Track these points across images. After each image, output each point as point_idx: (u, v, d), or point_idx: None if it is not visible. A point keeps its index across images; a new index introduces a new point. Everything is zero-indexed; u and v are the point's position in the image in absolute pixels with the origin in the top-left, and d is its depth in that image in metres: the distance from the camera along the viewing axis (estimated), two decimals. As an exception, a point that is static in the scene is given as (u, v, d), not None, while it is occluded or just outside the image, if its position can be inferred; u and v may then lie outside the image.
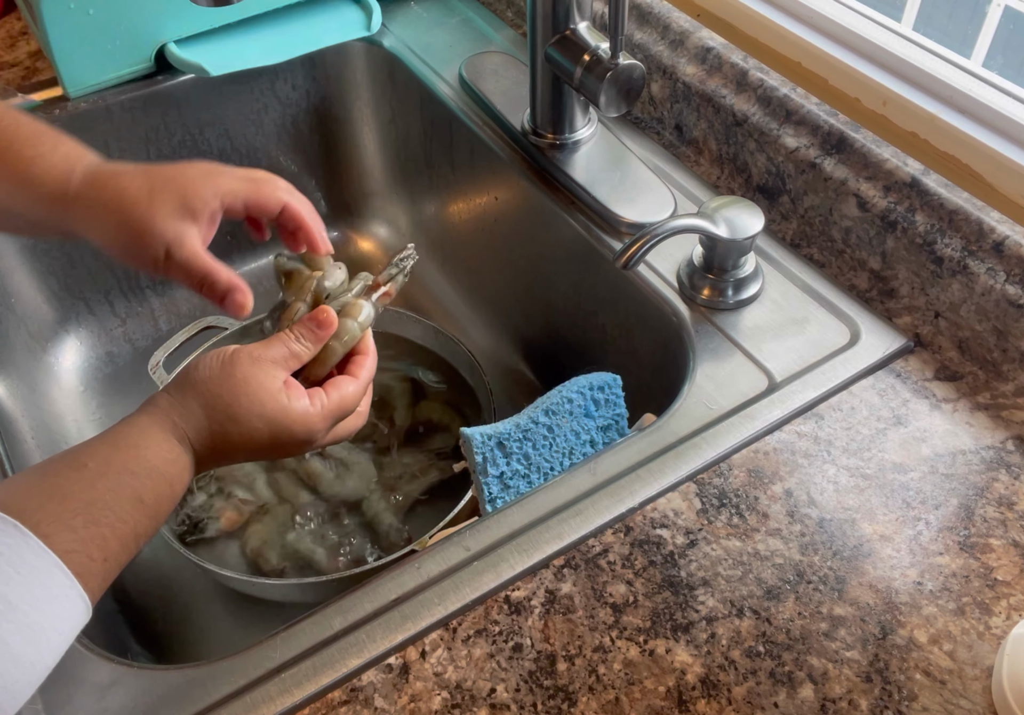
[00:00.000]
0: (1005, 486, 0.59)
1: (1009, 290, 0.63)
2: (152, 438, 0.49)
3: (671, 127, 0.85)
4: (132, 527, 0.46)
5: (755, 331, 0.69)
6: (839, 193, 0.72)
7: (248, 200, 0.56)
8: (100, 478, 0.46)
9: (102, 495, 0.45)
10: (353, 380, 0.55)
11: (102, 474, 0.46)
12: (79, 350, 0.99)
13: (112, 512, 0.45)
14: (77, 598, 0.43)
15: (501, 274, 0.97)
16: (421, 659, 0.53)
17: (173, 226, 0.53)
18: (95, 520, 0.44)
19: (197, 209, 0.53)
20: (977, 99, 0.69)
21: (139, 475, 0.47)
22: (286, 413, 0.51)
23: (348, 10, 0.97)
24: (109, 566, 0.45)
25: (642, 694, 0.51)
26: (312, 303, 0.57)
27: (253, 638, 0.54)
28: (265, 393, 0.50)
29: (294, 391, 0.52)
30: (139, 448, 0.48)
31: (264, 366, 0.51)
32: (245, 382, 0.50)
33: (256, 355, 0.51)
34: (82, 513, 0.44)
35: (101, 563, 0.44)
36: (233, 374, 0.50)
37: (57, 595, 0.42)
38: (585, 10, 0.75)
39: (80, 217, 0.54)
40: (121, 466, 0.47)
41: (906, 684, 0.51)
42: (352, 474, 0.86)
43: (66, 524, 0.43)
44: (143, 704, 0.51)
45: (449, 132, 0.94)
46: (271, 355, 0.52)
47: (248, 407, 0.50)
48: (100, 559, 0.44)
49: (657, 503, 0.59)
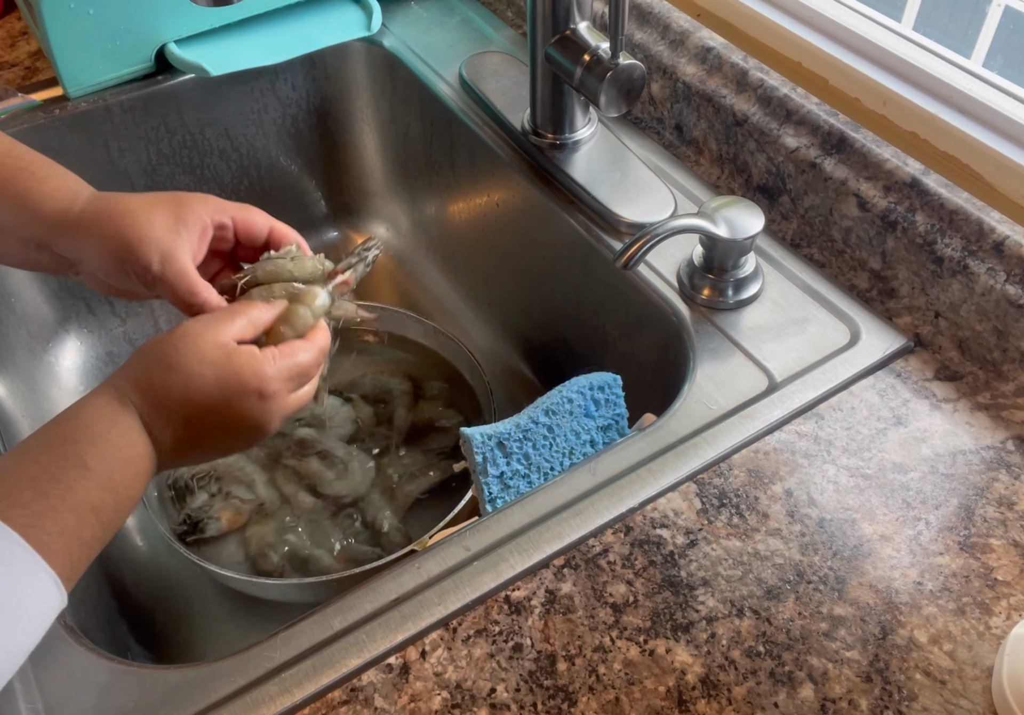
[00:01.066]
0: (1005, 486, 0.59)
1: (1009, 290, 0.63)
2: (91, 404, 0.48)
3: (671, 127, 0.85)
4: (84, 497, 0.45)
5: (755, 331, 0.69)
6: (839, 193, 0.72)
7: (237, 219, 0.58)
8: (43, 452, 0.46)
9: (46, 468, 0.45)
10: (305, 342, 0.54)
11: (44, 448, 0.46)
12: (79, 350, 0.99)
13: (59, 482, 0.44)
14: (45, 577, 0.42)
15: (501, 274, 0.97)
16: (421, 659, 0.53)
17: (168, 238, 0.54)
18: (43, 492, 0.43)
19: (190, 223, 0.55)
20: (977, 99, 0.69)
21: (80, 442, 0.46)
22: (230, 357, 0.50)
23: (348, 10, 0.97)
24: (68, 541, 0.44)
25: (642, 694, 0.51)
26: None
27: (253, 638, 0.54)
28: (206, 342, 0.50)
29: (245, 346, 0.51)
30: (79, 417, 0.47)
31: (207, 323, 0.51)
32: (185, 334, 0.50)
33: (198, 317, 0.52)
34: (29, 487, 0.43)
35: (57, 537, 0.43)
36: (174, 332, 0.50)
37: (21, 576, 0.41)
38: (585, 10, 0.75)
39: (80, 234, 0.55)
40: (62, 437, 0.46)
41: (906, 684, 0.51)
42: (352, 474, 0.86)
43: (14, 501, 0.43)
44: (143, 704, 0.51)
45: (449, 132, 0.94)
46: (215, 315, 0.52)
47: (187, 353, 0.49)
48: (56, 533, 0.43)
49: (657, 503, 0.59)
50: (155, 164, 0.96)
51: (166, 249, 0.54)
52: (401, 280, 1.09)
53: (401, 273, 1.09)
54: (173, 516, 0.84)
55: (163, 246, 0.54)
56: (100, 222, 0.54)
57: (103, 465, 0.46)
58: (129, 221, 0.54)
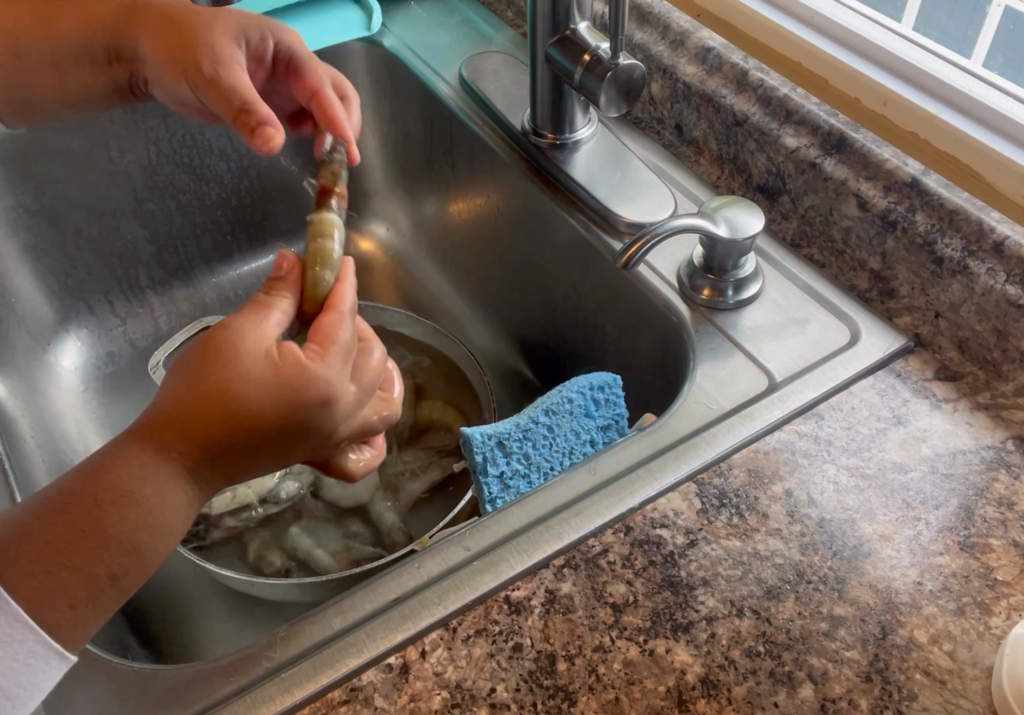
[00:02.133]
0: (1005, 486, 0.59)
1: (1009, 290, 0.63)
2: (122, 455, 0.42)
3: (671, 127, 0.85)
4: (102, 567, 0.40)
5: (755, 331, 0.69)
6: (839, 193, 0.72)
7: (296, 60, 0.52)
8: (60, 512, 0.40)
9: (61, 532, 0.39)
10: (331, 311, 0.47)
11: (63, 507, 0.40)
12: (79, 350, 0.99)
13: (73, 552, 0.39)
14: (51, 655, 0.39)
15: (501, 274, 0.97)
16: (421, 659, 0.53)
17: (228, 45, 0.50)
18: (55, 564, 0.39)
19: (252, 39, 0.51)
20: (977, 99, 0.69)
21: (103, 503, 0.40)
22: (278, 369, 0.43)
23: (348, 10, 0.97)
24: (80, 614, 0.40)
25: (642, 694, 0.51)
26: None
27: (253, 638, 0.54)
28: (248, 357, 0.43)
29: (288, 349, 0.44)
30: (105, 470, 0.41)
31: (243, 330, 0.44)
32: (220, 352, 0.43)
33: (228, 323, 0.44)
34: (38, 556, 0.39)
35: (68, 611, 0.39)
36: (207, 351, 0.43)
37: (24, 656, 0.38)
38: (585, 10, 0.75)
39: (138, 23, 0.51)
40: (84, 494, 0.40)
41: (906, 684, 0.51)
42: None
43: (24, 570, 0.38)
44: (143, 704, 0.51)
45: (449, 132, 0.94)
46: (247, 318, 0.45)
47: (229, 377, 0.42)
48: (66, 607, 0.39)
49: (657, 503, 0.59)
50: (155, 164, 0.96)
51: (224, 55, 0.49)
52: (401, 280, 1.09)
53: (401, 273, 1.09)
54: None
55: (221, 52, 0.49)
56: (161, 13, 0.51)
57: (126, 530, 0.40)
58: (192, 19, 0.50)
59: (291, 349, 0.44)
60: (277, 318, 0.46)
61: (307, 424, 0.44)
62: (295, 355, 0.44)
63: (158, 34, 0.50)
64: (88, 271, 0.98)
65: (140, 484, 0.41)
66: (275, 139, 0.50)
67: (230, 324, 0.44)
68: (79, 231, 0.95)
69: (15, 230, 0.92)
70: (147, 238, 1.00)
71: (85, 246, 0.96)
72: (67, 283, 0.97)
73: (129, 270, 1.01)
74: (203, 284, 1.06)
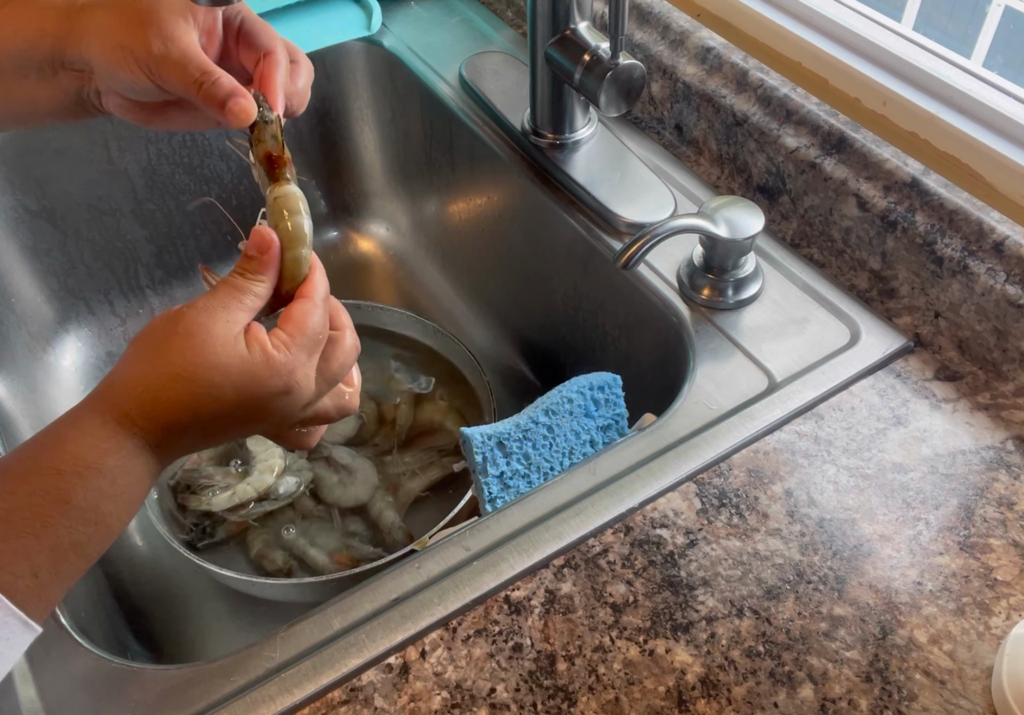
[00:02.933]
0: (1005, 486, 0.59)
1: (1009, 290, 0.63)
2: (84, 427, 0.42)
3: (671, 127, 0.85)
4: (67, 536, 0.40)
5: (755, 331, 0.69)
6: (839, 193, 0.72)
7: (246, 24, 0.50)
8: (21, 482, 0.40)
9: (22, 501, 0.40)
10: (302, 301, 0.46)
11: (23, 477, 0.40)
12: (79, 350, 0.99)
13: (36, 520, 0.39)
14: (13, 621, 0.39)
15: (501, 274, 0.97)
16: (421, 659, 0.53)
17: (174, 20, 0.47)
18: (17, 532, 0.39)
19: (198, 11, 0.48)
20: (977, 99, 0.69)
21: (66, 473, 0.40)
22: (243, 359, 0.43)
23: (348, 10, 0.97)
24: (43, 581, 0.40)
25: (642, 694, 0.51)
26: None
27: (253, 638, 0.54)
28: (217, 343, 0.43)
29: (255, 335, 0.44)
30: (67, 442, 0.41)
31: (215, 313, 0.44)
32: (190, 334, 0.43)
33: (201, 305, 0.44)
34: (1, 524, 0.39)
35: (31, 579, 0.39)
36: (176, 330, 0.43)
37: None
38: (585, 10, 0.75)
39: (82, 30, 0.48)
40: (46, 466, 0.41)
41: (906, 684, 0.51)
42: (355, 480, 0.86)
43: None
44: (143, 704, 0.51)
45: (449, 132, 0.94)
46: (220, 301, 0.44)
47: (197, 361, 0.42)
48: (28, 575, 0.39)
49: (657, 503, 0.59)
50: (155, 164, 0.96)
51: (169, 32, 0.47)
52: (401, 280, 1.09)
53: (401, 273, 1.09)
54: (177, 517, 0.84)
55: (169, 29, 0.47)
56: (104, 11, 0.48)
57: (89, 499, 0.41)
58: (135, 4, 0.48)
59: (259, 337, 0.44)
60: (251, 302, 0.46)
61: (267, 409, 0.45)
62: (262, 344, 0.44)
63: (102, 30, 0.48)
64: (88, 271, 0.98)
65: (102, 457, 0.41)
66: (249, 111, 0.47)
67: (203, 306, 0.44)
68: (79, 231, 0.95)
69: (15, 230, 0.92)
70: (147, 238, 1.00)
71: (85, 246, 0.96)
72: (67, 283, 0.97)
73: (129, 270, 1.01)
74: (203, 284, 1.05)
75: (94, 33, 0.48)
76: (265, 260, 0.46)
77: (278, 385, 0.44)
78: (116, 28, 0.47)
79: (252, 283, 0.46)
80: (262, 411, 0.45)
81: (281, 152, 0.49)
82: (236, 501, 0.83)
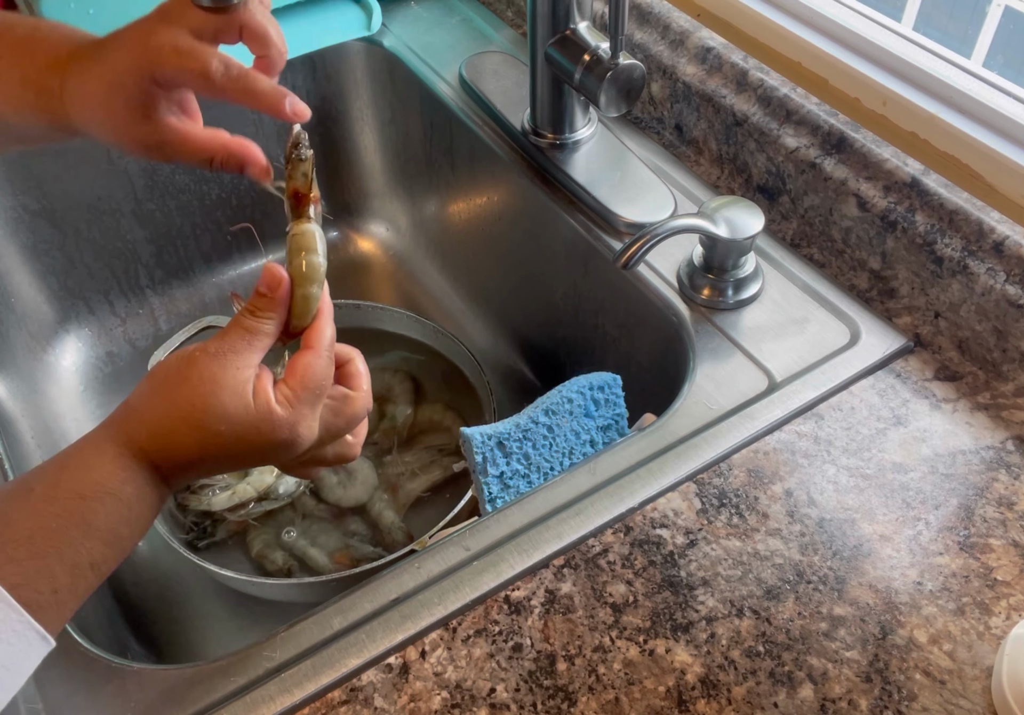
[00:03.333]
0: (1005, 486, 0.59)
1: (1009, 290, 0.63)
2: (104, 456, 0.44)
3: (671, 127, 0.85)
4: (86, 556, 0.43)
5: (755, 331, 0.69)
6: (839, 193, 0.72)
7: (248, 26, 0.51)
8: (46, 504, 0.42)
9: (47, 522, 0.42)
10: (307, 352, 0.48)
11: (48, 499, 0.42)
12: (79, 350, 0.99)
13: (60, 541, 0.42)
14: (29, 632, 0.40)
15: (501, 274, 0.97)
16: (421, 659, 0.53)
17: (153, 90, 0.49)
18: (40, 551, 0.41)
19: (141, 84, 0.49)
20: (977, 99, 0.69)
21: (88, 499, 0.43)
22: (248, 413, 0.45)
23: (348, 10, 0.97)
24: (62, 598, 0.42)
25: (642, 694, 0.51)
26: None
27: (253, 638, 0.54)
28: (225, 393, 0.45)
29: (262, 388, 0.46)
30: (90, 469, 0.44)
31: (225, 360, 0.45)
32: (201, 382, 0.45)
33: (213, 350, 0.46)
34: (25, 544, 0.41)
35: (51, 595, 0.41)
36: (190, 376, 0.45)
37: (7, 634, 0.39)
38: (585, 10, 0.75)
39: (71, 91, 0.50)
40: (69, 490, 0.43)
41: (906, 684, 0.51)
42: (355, 481, 0.86)
43: (9, 556, 0.41)
44: (143, 704, 0.51)
45: (449, 132, 0.94)
46: (231, 345, 0.46)
47: (206, 410, 0.45)
48: (48, 591, 0.41)
49: (657, 503, 0.59)
50: (155, 164, 0.96)
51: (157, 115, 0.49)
52: (401, 280, 1.09)
53: (401, 273, 1.09)
54: (177, 516, 0.84)
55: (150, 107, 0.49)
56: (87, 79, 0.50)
57: (109, 523, 0.43)
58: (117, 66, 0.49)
59: (264, 392, 0.46)
60: (260, 343, 0.47)
61: (268, 455, 0.48)
62: (267, 399, 0.46)
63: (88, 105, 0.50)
64: (88, 271, 0.98)
65: (121, 485, 0.44)
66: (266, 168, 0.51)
67: (215, 352, 0.46)
68: (79, 231, 0.95)
69: (15, 230, 0.92)
70: (147, 238, 1.00)
71: (85, 246, 0.96)
72: (67, 283, 0.97)
73: (129, 270, 1.01)
74: (203, 284, 1.06)
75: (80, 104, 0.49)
76: (275, 298, 0.47)
77: (281, 438, 0.46)
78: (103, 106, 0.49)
79: (262, 323, 0.47)
80: (264, 454, 0.47)
81: (308, 190, 0.50)
82: (236, 501, 0.83)
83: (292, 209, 0.50)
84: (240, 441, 0.46)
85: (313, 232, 0.49)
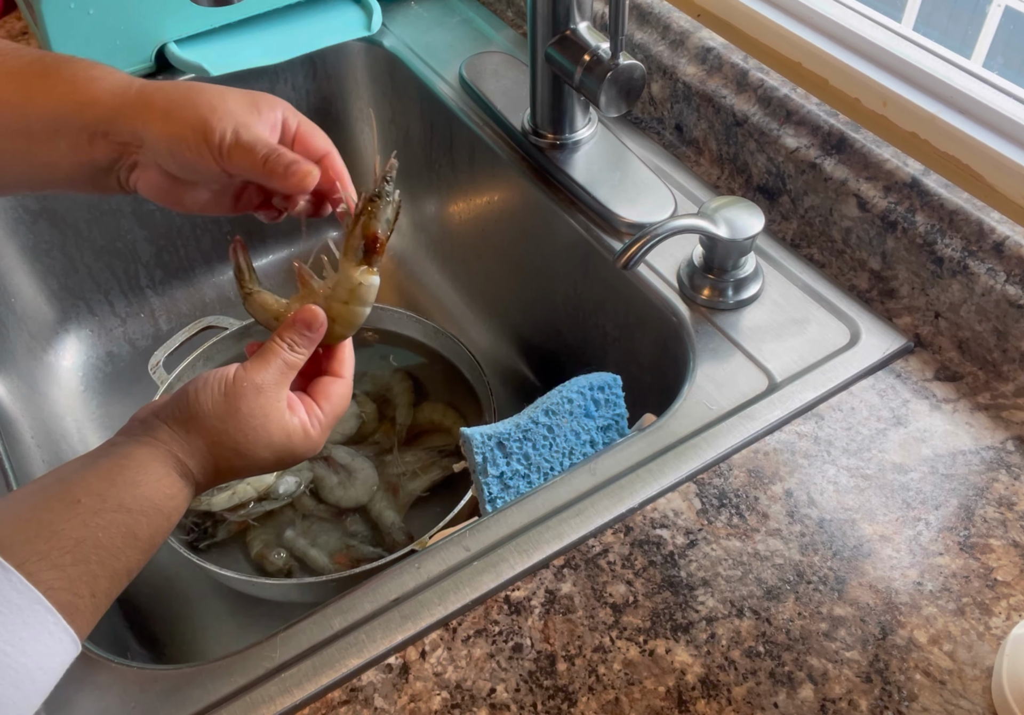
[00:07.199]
0: (1005, 486, 0.59)
1: (1009, 290, 0.63)
2: (152, 473, 0.47)
3: (671, 127, 0.85)
4: (124, 563, 0.45)
5: (755, 331, 0.69)
6: (839, 193, 0.72)
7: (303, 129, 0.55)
8: (93, 516, 0.44)
9: (94, 533, 0.44)
10: (339, 381, 0.55)
11: (96, 511, 0.44)
12: (79, 350, 0.99)
13: (104, 550, 0.44)
14: (63, 634, 0.41)
15: (501, 274, 0.97)
16: (421, 659, 0.53)
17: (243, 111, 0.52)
18: (84, 558, 0.43)
19: (263, 110, 0.53)
20: (977, 99, 0.69)
21: (135, 512, 0.46)
22: (290, 438, 0.51)
23: (348, 10, 0.97)
24: (98, 601, 0.44)
25: (642, 694, 0.51)
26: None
27: (253, 638, 0.54)
28: (273, 425, 0.50)
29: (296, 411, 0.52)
30: (138, 485, 0.46)
31: (271, 394, 0.51)
32: (252, 416, 0.50)
33: (259, 383, 0.50)
34: (71, 551, 0.43)
35: (89, 599, 0.43)
36: (239, 409, 0.50)
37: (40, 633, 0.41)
38: (585, 10, 0.75)
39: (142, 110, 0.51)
40: (117, 503, 0.45)
41: (906, 684, 0.51)
42: (355, 481, 0.86)
43: (53, 562, 0.42)
44: (143, 704, 0.51)
45: (449, 132, 0.94)
46: (274, 378, 0.51)
47: (255, 441, 0.50)
48: (88, 595, 0.43)
49: (657, 503, 0.59)
50: (155, 164, 0.96)
51: (241, 121, 0.51)
52: (401, 280, 1.09)
53: (401, 273, 1.09)
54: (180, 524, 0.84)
55: (237, 118, 0.51)
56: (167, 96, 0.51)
57: (151, 534, 0.47)
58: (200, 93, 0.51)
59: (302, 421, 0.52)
60: (295, 373, 0.53)
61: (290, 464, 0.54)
62: (303, 422, 0.52)
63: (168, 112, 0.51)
64: (88, 271, 0.98)
65: (166, 501, 0.48)
66: (312, 173, 0.52)
67: (261, 385, 0.50)
68: (79, 231, 0.95)
69: (15, 230, 0.92)
70: (147, 238, 1.00)
71: (85, 246, 0.96)
72: (67, 283, 0.97)
73: (129, 270, 1.01)
74: (203, 284, 1.06)
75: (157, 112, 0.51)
76: (312, 338, 0.53)
77: (309, 453, 0.53)
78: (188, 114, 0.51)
79: (298, 357, 0.53)
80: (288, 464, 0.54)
81: (387, 238, 0.52)
82: (236, 501, 0.83)
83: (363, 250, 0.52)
84: (278, 462, 0.52)
85: (375, 287, 0.52)
